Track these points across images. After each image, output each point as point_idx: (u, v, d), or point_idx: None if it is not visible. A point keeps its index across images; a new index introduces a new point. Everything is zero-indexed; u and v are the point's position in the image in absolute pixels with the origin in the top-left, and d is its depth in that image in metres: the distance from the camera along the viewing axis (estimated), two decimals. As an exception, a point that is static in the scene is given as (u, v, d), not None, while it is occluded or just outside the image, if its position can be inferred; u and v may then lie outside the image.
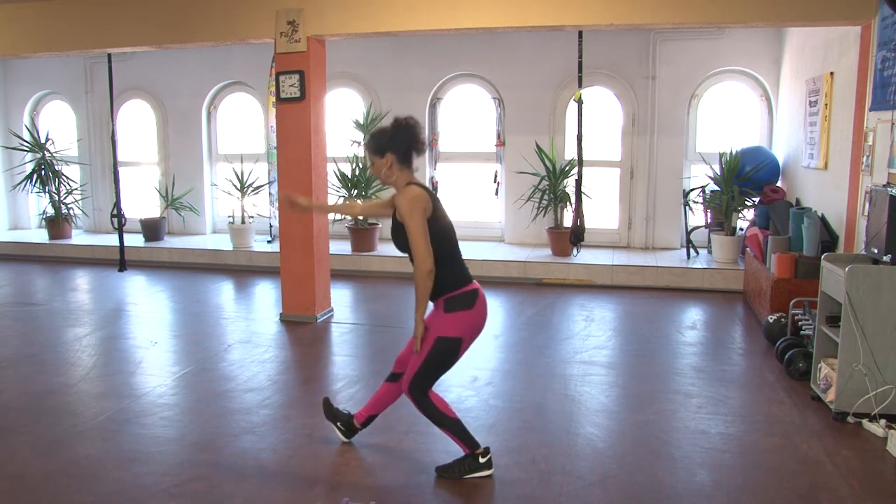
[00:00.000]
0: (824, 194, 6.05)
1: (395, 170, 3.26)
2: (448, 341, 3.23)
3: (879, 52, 4.90)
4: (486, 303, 3.35)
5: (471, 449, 3.36)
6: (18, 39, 6.80)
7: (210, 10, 6.13)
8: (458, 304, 3.22)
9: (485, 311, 3.33)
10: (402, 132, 3.25)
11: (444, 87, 8.89)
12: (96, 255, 9.06)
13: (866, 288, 3.83)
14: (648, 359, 5.15)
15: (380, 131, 3.31)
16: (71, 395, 4.48)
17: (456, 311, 3.22)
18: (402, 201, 3.17)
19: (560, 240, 7.90)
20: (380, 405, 3.64)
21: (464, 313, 3.23)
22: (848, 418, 3.94)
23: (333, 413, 3.73)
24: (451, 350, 3.25)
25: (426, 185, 3.29)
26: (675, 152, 8.24)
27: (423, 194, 3.19)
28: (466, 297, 3.24)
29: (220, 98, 9.68)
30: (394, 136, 3.25)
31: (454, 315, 3.22)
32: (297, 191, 6.04)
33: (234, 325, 6.18)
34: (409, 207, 3.13)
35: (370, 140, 3.31)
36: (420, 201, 3.15)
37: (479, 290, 3.32)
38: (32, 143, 9.69)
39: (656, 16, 5.39)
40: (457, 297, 3.22)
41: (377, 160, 3.27)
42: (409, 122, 3.27)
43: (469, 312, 3.24)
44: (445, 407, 3.36)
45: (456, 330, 3.23)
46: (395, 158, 3.24)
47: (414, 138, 3.27)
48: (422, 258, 3.11)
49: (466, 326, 3.25)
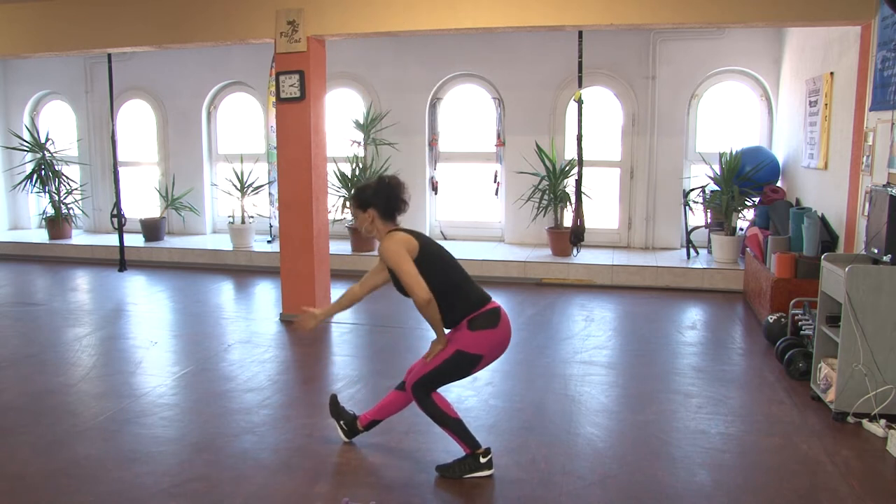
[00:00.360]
0: (824, 194, 6.05)
1: (376, 224, 3.36)
2: (467, 356, 3.28)
3: (879, 52, 4.90)
4: (509, 322, 3.38)
5: (472, 449, 3.37)
6: (18, 39, 6.80)
7: (210, 10, 6.13)
8: (482, 322, 3.28)
9: (509, 329, 3.37)
10: (384, 190, 3.35)
11: (444, 87, 8.89)
12: (96, 255, 9.06)
13: (866, 288, 3.83)
14: (648, 359, 5.15)
15: (364, 187, 3.40)
16: (71, 395, 4.48)
17: (480, 329, 3.27)
18: (385, 248, 3.25)
19: (560, 240, 7.90)
20: (385, 412, 3.65)
21: (488, 332, 3.29)
22: (848, 418, 3.94)
23: (339, 411, 3.74)
24: (467, 364, 3.30)
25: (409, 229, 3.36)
26: (675, 152, 8.24)
27: (403, 236, 3.27)
28: (489, 315, 3.30)
29: (220, 98, 9.68)
30: (376, 193, 3.34)
31: (478, 333, 3.27)
32: (297, 191, 6.06)
33: (234, 325, 6.18)
34: (391, 251, 3.22)
35: (354, 194, 3.43)
36: (401, 243, 3.23)
37: (500, 308, 3.37)
38: (32, 143, 9.69)
39: (656, 16, 5.39)
40: (479, 317, 3.29)
41: (360, 214, 3.38)
42: (392, 181, 3.38)
43: (493, 331, 3.30)
44: (447, 406, 3.37)
45: (478, 347, 3.28)
46: (376, 213, 3.34)
47: (396, 197, 3.36)
48: (416, 290, 3.18)
49: (490, 344, 3.30)
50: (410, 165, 8.80)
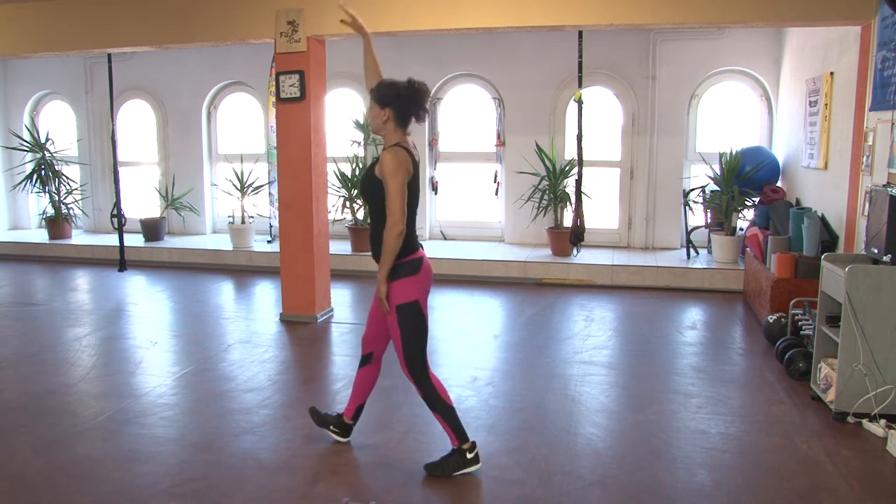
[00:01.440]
0: (824, 194, 6.05)
1: (389, 125, 3.29)
2: (407, 307, 3.29)
3: (879, 52, 4.90)
4: (430, 268, 3.40)
5: (459, 441, 3.39)
6: (18, 39, 6.80)
7: (210, 10, 6.13)
8: (404, 271, 3.28)
9: (429, 274, 3.39)
10: (410, 94, 3.27)
11: (444, 87, 8.89)
12: (96, 255, 9.06)
13: (866, 288, 3.83)
14: (648, 359, 5.15)
15: (391, 84, 3.30)
16: (71, 395, 4.48)
17: (402, 277, 3.28)
18: (389, 158, 3.19)
19: (560, 240, 7.90)
20: (363, 392, 3.67)
21: (410, 278, 3.29)
22: (848, 418, 3.94)
23: (322, 419, 3.76)
24: (415, 313, 3.31)
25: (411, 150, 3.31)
26: (675, 152, 8.24)
27: (408, 158, 3.23)
28: (412, 264, 3.30)
29: (220, 98, 9.68)
30: (401, 95, 3.26)
31: (401, 282, 3.28)
32: (297, 191, 6.07)
33: (234, 325, 6.18)
34: (394, 166, 3.17)
35: (378, 87, 3.33)
36: (405, 164, 3.20)
37: (424, 257, 3.38)
38: (32, 143, 9.69)
39: (656, 16, 5.39)
40: (403, 265, 3.27)
41: (377, 109, 3.30)
42: (420, 87, 3.29)
43: (415, 277, 3.31)
44: (444, 392, 3.40)
45: (408, 294, 3.29)
46: (393, 115, 3.27)
47: (419, 105, 3.30)
48: (396, 219, 3.16)
49: (416, 289, 3.31)
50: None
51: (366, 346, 3.61)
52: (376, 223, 3.30)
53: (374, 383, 3.67)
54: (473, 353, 5.30)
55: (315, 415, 3.78)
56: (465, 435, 3.40)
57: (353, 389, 3.69)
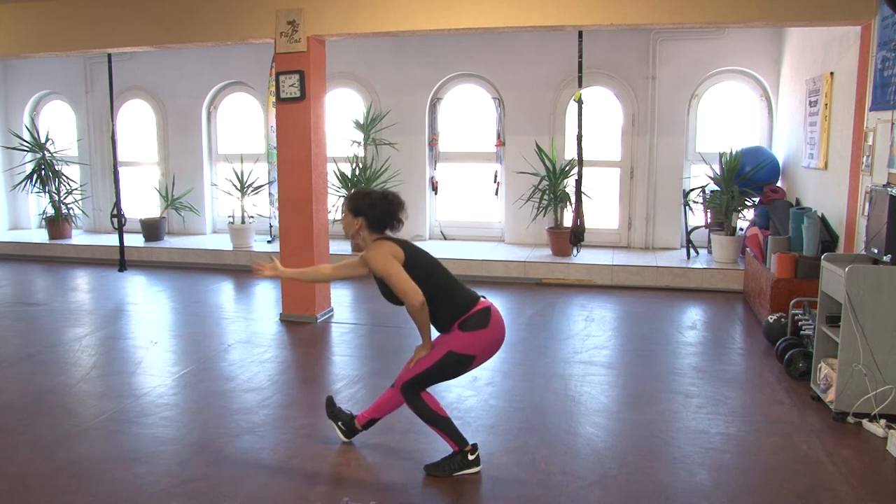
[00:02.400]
0: (824, 194, 6.05)
1: (363, 232, 3.37)
2: (458, 356, 3.27)
3: (879, 52, 4.90)
4: (501, 321, 3.36)
5: (460, 446, 3.38)
6: (18, 39, 6.80)
7: (210, 10, 6.13)
8: (474, 323, 3.26)
9: (502, 328, 3.35)
10: (382, 207, 3.34)
11: (444, 87, 8.89)
12: (96, 255, 9.06)
13: (866, 288, 3.83)
14: (648, 359, 5.15)
15: (363, 195, 3.39)
16: (71, 395, 4.48)
17: (472, 330, 3.26)
18: (372, 257, 3.26)
19: (560, 240, 7.90)
20: (383, 409, 3.65)
21: (480, 332, 3.27)
22: (848, 418, 3.94)
23: (335, 413, 3.74)
24: (459, 365, 3.30)
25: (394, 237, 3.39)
26: (675, 152, 8.24)
27: (391, 245, 3.28)
28: (480, 315, 3.28)
29: (220, 98, 9.68)
30: (373, 206, 3.34)
31: (470, 334, 3.26)
32: (297, 191, 6.07)
33: (234, 325, 6.18)
34: (379, 261, 3.23)
35: (351, 197, 3.41)
36: (388, 251, 3.24)
37: (491, 307, 3.35)
38: (32, 143, 9.69)
39: (656, 16, 5.39)
40: (471, 318, 3.27)
41: (350, 218, 3.37)
42: (393, 200, 3.37)
43: (485, 331, 3.28)
44: (437, 406, 3.40)
45: (470, 348, 3.27)
46: (365, 224, 3.35)
47: (392, 216, 3.37)
48: (409, 295, 3.18)
49: (482, 345, 3.29)
50: (410, 165, 8.81)
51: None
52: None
53: (397, 406, 3.61)
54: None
55: (330, 406, 3.75)
56: (464, 440, 3.40)
57: (377, 403, 3.67)
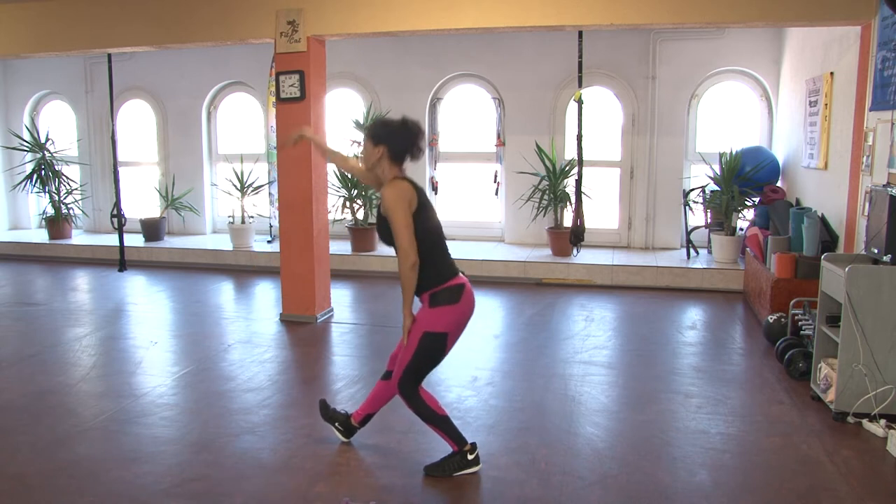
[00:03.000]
0: (824, 194, 6.05)
1: (383, 163, 3.30)
2: (434, 336, 3.25)
3: (879, 52, 4.90)
4: (472, 296, 3.34)
5: (459, 446, 3.38)
6: (18, 39, 6.80)
7: (210, 10, 6.13)
8: (443, 298, 3.24)
9: (471, 304, 3.33)
10: (404, 132, 3.28)
11: (444, 87, 8.89)
12: (96, 255, 9.06)
13: (866, 288, 3.83)
14: (648, 359, 5.15)
15: (384, 123, 3.34)
16: (71, 395, 4.48)
17: (441, 305, 3.24)
18: (388, 194, 3.18)
19: (560, 240, 7.90)
20: (376, 404, 3.65)
21: (448, 308, 3.24)
22: (848, 418, 3.94)
23: (330, 414, 3.75)
24: (437, 345, 3.27)
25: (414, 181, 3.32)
26: (675, 152, 8.24)
27: (409, 188, 3.21)
28: (452, 291, 3.25)
29: (220, 98, 9.68)
30: (394, 133, 3.28)
31: (439, 310, 3.24)
32: (297, 191, 6.07)
33: (234, 325, 6.18)
34: (393, 201, 3.16)
35: (372, 125, 3.37)
36: (405, 195, 3.18)
37: (465, 284, 3.33)
38: (32, 143, 9.69)
39: (656, 16, 5.39)
40: (441, 292, 3.24)
41: (370, 147, 3.31)
42: (414, 126, 3.30)
43: (454, 307, 3.25)
44: (436, 404, 3.39)
45: (441, 325, 3.24)
46: (387, 153, 3.28)
47: (413, 143, 3.30)
48: (405, 252, 3.13)
49: (451, 321, 3.26)
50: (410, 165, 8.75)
51: (391, 363, 3.57)
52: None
53: (390, 398, 3.62)
54: (473, 353, 5.30)
55: (324, 408, 3.75)
56: (463, 440, 3.40)
57: (369, 398, 3.68)
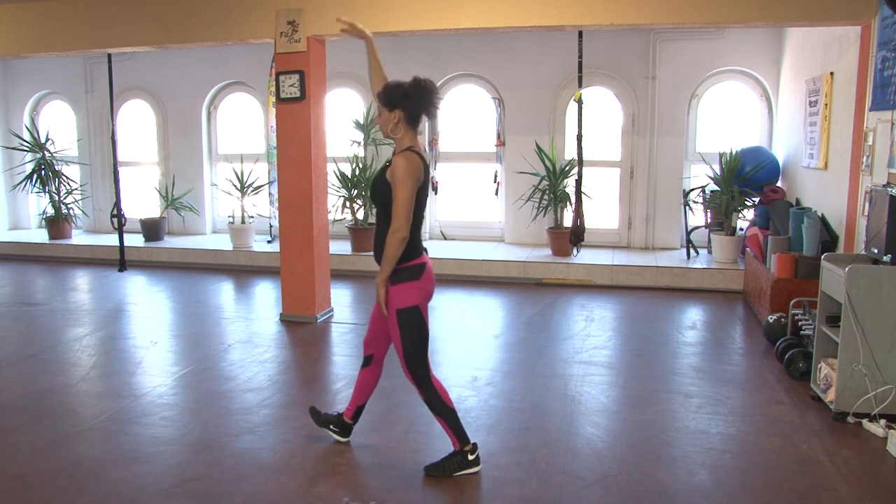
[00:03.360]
0: (824, 194, 6.05)
1: (401, 127, 3.24)
2: (407, 311, 3.27)
3: (879, 52, 4.90)
4: (432, 273, 3.39)
5: (461, 444, 3.39)
6: (18, 39, 6.80)
7: (210, 10, 6.13)
8: (406, 276, 3.26)
9: (432, 281, 3.38)
10: (419, 93, 3.22)
11: (444, 87, 8.88)
12: (96, 255, 9.06)
13: (866, 288, 3.82)
14: (648, 359, 5.15)
15: (397, 85, 3.26)
16: (71, 395, 4.48)
17: (402, 282, 3.26)
18: (401, 163, 3.15)
19: (560, 240, 7.90)
20: (363, 393, 3.67)
21: (410, 283, 3.27)
22: (848, 418, 3.94)
23: (322, 419, 3.76)
24: (415, 318, 3.29)
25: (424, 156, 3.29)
26: (675, 152, 8.24)
27: (420, 165, 3.20)
28: (415, 269, 3.28)
29: (220, 98, 9.68)
30: (409, 94, 3.22)
31: (402, 286, 3.26)
32: (297, 191, 6.07)
33: (234, 325, 6.18)
34: (405, 173, 3.13)
35: (384, 90, 3.27)
36: (417, 171, 3.17)
37: (427, 263, 3.37)
38: (32, 143, 9.69)
39: (656, 16, 5.39)
40: (404, 270, 3.25)
41: (386, 113, 3.25)
42: (427, 84, 3.25)
43: (416, 282, 3.28)
44: (446, 396, 3.41)
45: (408, 299, 3.27)
46: (403, 116, 3.22)
47: (429, 102, 3.25)
48: (400, 225, 3.14)
49: (415, 295, 3.29)
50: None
51: (367, 348, 3.60)
52: (382, 226, 3.26)
53: (374, 385, 3.66)
54: (473, 353, 5.30)
55: (315, 415, 3.78)
56: (466, 437, 3.41)
57: (355, 390, 3.69)
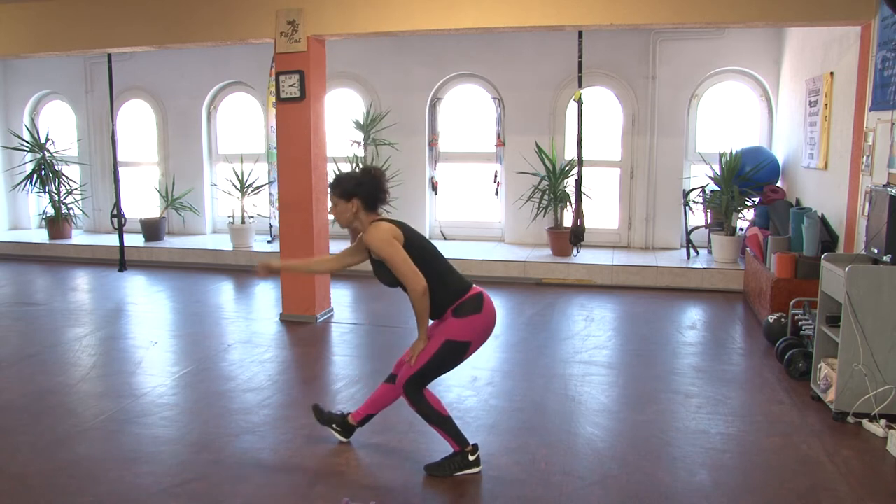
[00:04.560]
0: (824, 194, 6.05)
1: (360, 215, 3.34)
2: (456, 344, 3.28)
3: (879, 52, 4.90)
4: (493, 306, 3.40)
5: (461, 446, 3.39)
6: (18, 39, 6.80)
7: (210, 10, 6.13)
8: (468, 309, 3.29)
9: (493, 313, 3.39)
10: (370, 181, 3.33)
11: (444, 87, 8.89)
12: (96, 255, 9.06)
13: (866, 288, 3.82)
14: (648, 359, 5.15)
15: (348, 177, 3.37)
16: (71, 395, 4.48)
17: (466, 315, 3.28)
18: (374, 239, 3.22)
19: (560, 240, 7.90)
20: (377, 405, 3.66)
21: (474, 317, 3.29)
22: (848, 418, 3.94)
23: (326, 417, 3.75)
24: (457, 353, 3.31)
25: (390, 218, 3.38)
26: (675, 152, 8.24)
27: (390, 226, 3.27)
28: (473, 301, 3.31)
29: (220, 98, 9.68)
30: (362, 183, 3.32)
31: (464, 319, 3.28)
32: (297, 191, 6.07)
33: (234, 325, 6.18)
34: (382, 241, 3.20)
35: (337, 183, 3.36)
36: (390, 232, 3.23)
37: (483, 293, 3.38)
38: (32, 143, 9.69)
39: (656, 16, 5.39)
40: (464, 304, 3.28)
41: (342, 204, 3.33)
42: (376, 173, 3.39)
43: (478, 316, 3.30)
44: (439, 405, 3.40)
45: (465, 334, 3.28)
46: (360, 205, 3.32)
47: (381, 189, 3.36)
48: (413, 281, 3.18)
49: (476, 330, 3.31)
50: (410, 165, 8.81)
51: (397, 367, 3.57)
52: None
53: (392, 401, 3.63)
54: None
55: (318, 412, 3.76)
56: (465, 440, 3.41)
57: (370, 399, 3.68)
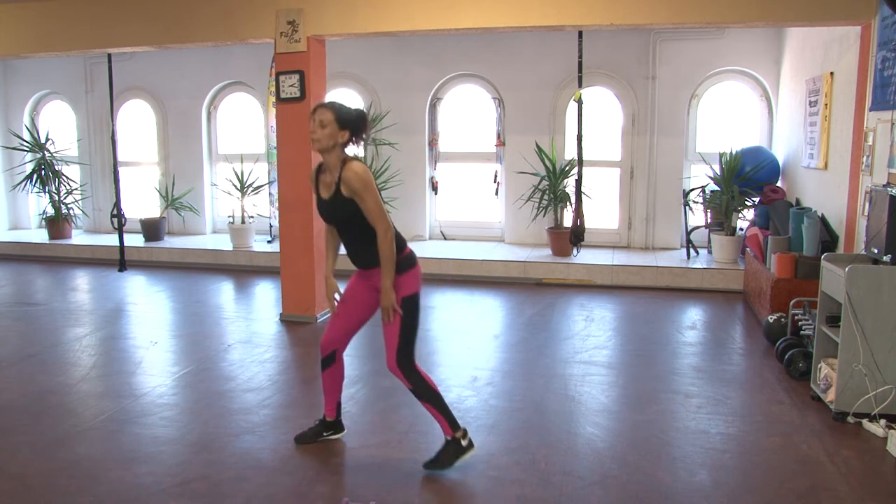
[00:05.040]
0: (824, 194, 6.05)
1: (339, 145, 3.37)
2: (412, 298, 3.42)
3: (879, 52, 4.90)
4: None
5: (452, 430, 3.42)
6: (18, 39, 6.80)
7: (210, 10, 6.13)
8: (406, 265, 3.41)
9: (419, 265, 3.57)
10: (363, 122, 3.45)
11: (444, 87, 8.89)
12: (96, 255, 9.05)
13: (866, 288, 3.82)
14: (648, 359, 5.15)
15: (349, 109, 3.42)
16: (71, 395, 4.48)
17: (405, 271, 3.40)
18: (354, 175, 3.27)
19: (560, 240, 7.90)
20: (336, 389, 3.75)
21: (411, 271, 3.43)
22: (848, 418, 3.94)
23: (311, 435, 3.77)
24: (416, 305, 3.44)
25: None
26: (675, 152, 8.24)
27: (365, 166, 3.37)
28: (409, 258, 3.45)
29: (220, 98, 9.67)
30: (357, 121, 3.41)
31: (406, 275, 3.40)
32: (297, 191, 6.06)
33: (234, 325, 6.18)
34: (364, 181, 3.28)
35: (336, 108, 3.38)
36: (370, 175, 3.34)
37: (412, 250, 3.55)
38: (32, 143, 9.69)
39: (656, 16, 5.39)
40: (403, 259, 3.40)
41: (335, 129, 3.34)
42: (367, 117, 3.52)
43: (415, 269, 3.46)
44: (431, 381, 3.47)
45: (412, 286, 3.43)
46: (349, 137, 3.40)
47: (366, 132, 3.51)
48: (386, 225, 3.30)
49: (418, 280, 3.48)
50: (410, 165, 8.81)
51: (327, 348, 3.66)
52: (354, 239, 3.40)
53: (343, 378, 3.76)
54: (473, 353, 5.30)
55: (303, 438, 3.77)
56: (456, 422, 3.45)
57: (326, 391, 3.74)
